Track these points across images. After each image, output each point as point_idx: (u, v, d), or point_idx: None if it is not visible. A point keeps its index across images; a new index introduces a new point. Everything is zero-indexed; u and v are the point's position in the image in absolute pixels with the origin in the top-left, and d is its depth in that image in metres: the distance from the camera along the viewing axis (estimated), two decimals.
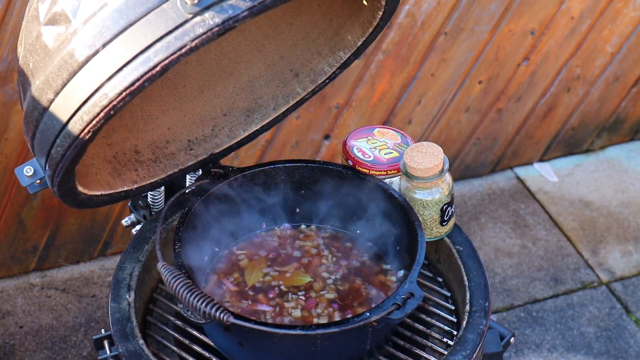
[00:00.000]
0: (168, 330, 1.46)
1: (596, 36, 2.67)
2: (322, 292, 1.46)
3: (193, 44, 1.07)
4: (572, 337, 2.44)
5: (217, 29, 1.07)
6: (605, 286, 2.60)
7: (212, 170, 1.50)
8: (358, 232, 1.57)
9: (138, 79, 1.08)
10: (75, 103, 1.12)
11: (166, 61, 1.07)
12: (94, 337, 1.46)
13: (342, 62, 1.50)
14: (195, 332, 1.44)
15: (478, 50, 2.46)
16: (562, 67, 2.71)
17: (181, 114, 1.50)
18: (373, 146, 1.56)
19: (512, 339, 1.52)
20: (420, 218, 1.45)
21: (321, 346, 1.30)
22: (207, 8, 1.07)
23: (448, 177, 1.50)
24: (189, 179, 1.59)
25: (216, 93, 1.52)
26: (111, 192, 1.38)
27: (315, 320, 1.41)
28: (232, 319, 1.22)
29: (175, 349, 1.43)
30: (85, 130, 1.12)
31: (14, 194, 2.31)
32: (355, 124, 2.53)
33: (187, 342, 1.43)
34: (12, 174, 2.24)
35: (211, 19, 1.06)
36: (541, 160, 2.96)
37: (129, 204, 1.63)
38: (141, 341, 1.36)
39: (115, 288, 1.43)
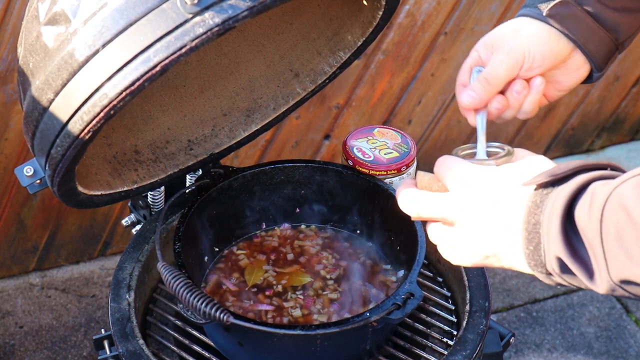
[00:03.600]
0: (168, 330, 1.46)
1: None
2: (322, 292, 1.46)
3: (193, 43, 1.07)
4: (572, 337, 2.44)
5: (217, 28, 1.07)
6: None
7: (212, 170, 1.50)
8: (358, 232, 1.57)
9: (138, 79, 1.08)
10: (75, 103, 1.12)
11: (166, 61, 1.07)
12: (94, 337, 1.46)
13: (342, 62, 1.50)
14: (195, 332, 1.44)
15: None
16: None
17: (181, 114, 1.50)
18: (373, 146, 1.56)
19: (512, 339, 1.52)
20: None
21: (321, 346, 1.30)
22: (207, 8, 1.07)
23: None
24: (189, 179, 1.59)
25: (216, 93, 1.52)
26: (111, 192, 1.38)
27: (315, 318, 1.41)
28: (232, 319, 1.22)
29: (175, 349, 1.43)
30: (85, 130, 1.12)
31: (14, 194, 2.31)
32: (355, 124, 2.53)
33: (187, 342, 1.43)
34: (12, 174, 2.24)
35: (211, 18, 1.07)
36: None
37: (129, 204, 1.63)
38: (141, 341, 1.36)
39: (115, 288, 1.43)
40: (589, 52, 1.22)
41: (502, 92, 1.23)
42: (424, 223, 1.11)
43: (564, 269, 0.91)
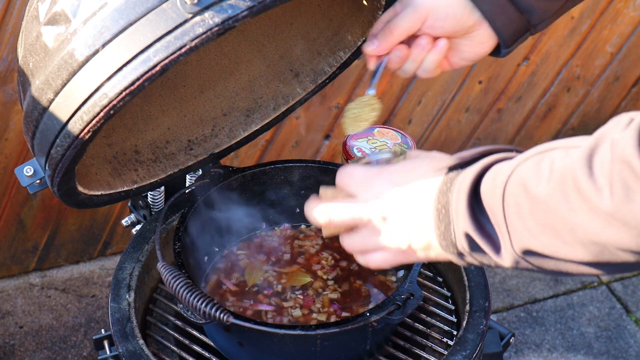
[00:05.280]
0: (168, 330, 1.46)
1: (596, 36, 2.67)
2: (322, 292, 1.46)
3: (193, 43, 1.07)
4: (572, 337, 2.44)
5: (216, 28, 1.07)
6: (605, 286, 2.61)
7: (212, 170, 1.50)
8: None
9: (138, 79, 1.08)
10: (75, 103, 1.12)
11: (166, 61, 1.07)
12: (94, 337, 1.46)
13: (342, 62, 1.50)
14: (195, 332, 1.44)
15: None
16: (562, 67, 2.71)
17: (181, 114, 1.50)
18: (373, 146, 1.56)
19: (512, 339, 1.52)
20: None
21: (321, 346, 1.30)
22: (206, 8, 1.07)
23: None
24: (189, 179, 1.59)
25: (216, 93, 1.52)
26: (111, 192, 1.38)
27: (315, 318, 1.41)
28: (232, 319, 1.22)
29: (175, 349, 1.43)
30: (85, 130, 1.12)
31: (14, 194, 2.31)
32: None
33: (187, 342, 1.43)
34: (12, 174, 2.24)
35: (211, 18, 1.07)
36: None
37: (129, 204, 1.64)
38: (141, 341, 1.36)
39: (115, 288, 1.43)
40: (496, 28, 1.27)
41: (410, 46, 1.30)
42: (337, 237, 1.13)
43: (473, 245, 0.94)
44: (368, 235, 1.05)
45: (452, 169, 0.97)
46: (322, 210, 1.09)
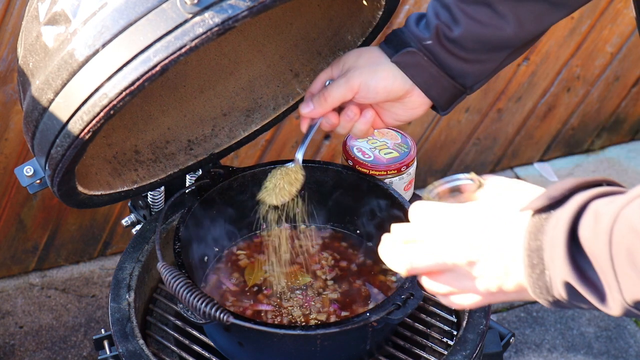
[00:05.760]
0: (168, 330, 1.46)
1: (596, 36, 2.67)
2: (322, 292, 1.46)
3: (193, 43, 1.07)
4: (572, 337, 2.44)
5: (216, 28, 1.07)
6: None
7: (212, 170, 1.50)
8: (358, 232, 1.57)
9: (138, 79, 1.08)
10: (75, 103, 1.12)
11: (166, 61, 1.07)
12: (94, 337, 1.46)
13: None
14: (195, 332, 1.44)
15: None
16: (562, 67, 2.71)
17: (181, 114, 1.50)
18: (373, 146, 1.56)
19: (512, 339, 1.52)
20: None
21: (321, 346, 1.30)
22: (207, 8, 1.07)
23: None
24: (189, 179, 1.59)
25: (216, 93, 1.52)
26: (111, 192, 1.38)
27: (315, 317, 1.41)
28: (232, 319, 1.22)
29: (175, 349, 1.43)
30: (85, 130, 1.12)
31: (14, 194, 2.31)
32: None
33: (187, 342, 1.43)
34: (12, 174, 2.24)
35: (211, 18, 1.07)
36: (541, 160, 2.96)
37: (129, 204, 1.64)
38: (141, 341, 1.36)
39: (115, 288, 1.43)
40: (431, 96, 1.33)
41: (341, 110, 1.37)
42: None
43: (573, 294, 0.88)
44: (454, 279, 0.98)
45: (540, 210, 0.89)
46: (402, 256, 1.00)
